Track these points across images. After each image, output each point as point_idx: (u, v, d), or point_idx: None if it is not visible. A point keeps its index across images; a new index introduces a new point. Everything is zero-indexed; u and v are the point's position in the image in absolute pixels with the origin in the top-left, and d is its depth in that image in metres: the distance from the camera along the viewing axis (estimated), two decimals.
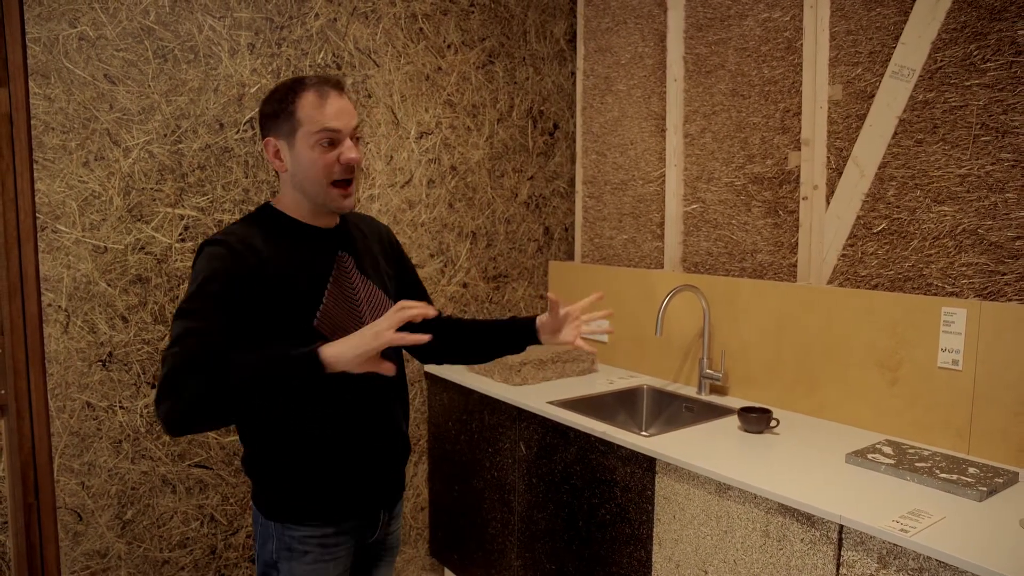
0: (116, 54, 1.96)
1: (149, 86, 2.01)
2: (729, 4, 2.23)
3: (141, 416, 2.06)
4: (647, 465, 1.77)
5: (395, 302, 1.46)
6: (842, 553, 1.39)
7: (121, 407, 2.04)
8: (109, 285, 2.00)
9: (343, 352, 1.15)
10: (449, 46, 2.55)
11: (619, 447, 1.83)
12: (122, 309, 2.03)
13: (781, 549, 1.49)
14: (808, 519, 1.44)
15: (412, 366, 2.58)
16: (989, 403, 1.67)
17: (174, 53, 2.04)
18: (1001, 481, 1.48)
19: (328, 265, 1.36)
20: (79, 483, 1.99)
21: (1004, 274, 1.69)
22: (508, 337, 1.59)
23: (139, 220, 2.03)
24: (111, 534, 2.04)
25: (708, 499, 1.63)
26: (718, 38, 2.27)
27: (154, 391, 1.20)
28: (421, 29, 2.48)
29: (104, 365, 2.01)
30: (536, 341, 1.56)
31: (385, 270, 1.50)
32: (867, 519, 1.34)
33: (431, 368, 2.56)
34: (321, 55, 2.28)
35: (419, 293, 1.62)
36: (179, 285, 2.09)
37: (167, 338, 1.25)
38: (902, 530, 1.29)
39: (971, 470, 1.55)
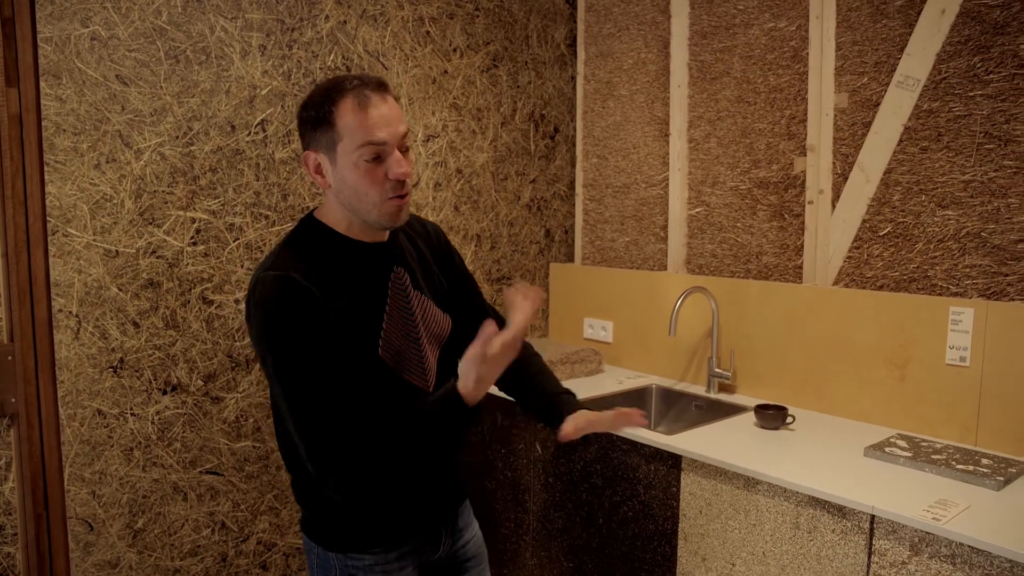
0: (128, 54, 1.93)
1: (161, 87, 1.98)
2: (734, 13, 2.30)
3: (152, 423, 2.03)
4: (672, 462, 1.81)
5: (449, 307, 1.44)
6: (873, 542, 1.45)
7: (132, 414, 2.00)
8: (120, 290, 1.96)
9: (481, 391, 1.19)
10: (455, 49, 2.56)
11: (642, 445, 1.88)
12: (133, 314, 1.99)
13: (812, 540, 1.55)
14: (839, 510, 1.50)
15: None
16: (996, 397, 1.76)
17: (186, 54, 2.01)
18: (1015, 471, 1.57)
19: (384, 284, 1.30)
20: (90, 492, 1.95)
21: (1007, 275, 1.78)
22: (541, 412, 1.53)
23: (150, 223, 2.00)
24: (122, 544, 2.00)
25: (736, 494, 1.68)
26: (723, 46, 2.33)
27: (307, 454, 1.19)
28: (428, 32, 2.49)
29: (115, 372, 1.97)
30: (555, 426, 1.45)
31: (438, 277, 1.44)
32: (898, 509, 1.41)
33: None
34: (331, 57, 2.27)
35: (467, 290, 1.53)
36: (190, 289, 2.06)
37: (284, 404, 1.21)
38: (934, 519, 1.36)
39: (984, 461, 1.63)
